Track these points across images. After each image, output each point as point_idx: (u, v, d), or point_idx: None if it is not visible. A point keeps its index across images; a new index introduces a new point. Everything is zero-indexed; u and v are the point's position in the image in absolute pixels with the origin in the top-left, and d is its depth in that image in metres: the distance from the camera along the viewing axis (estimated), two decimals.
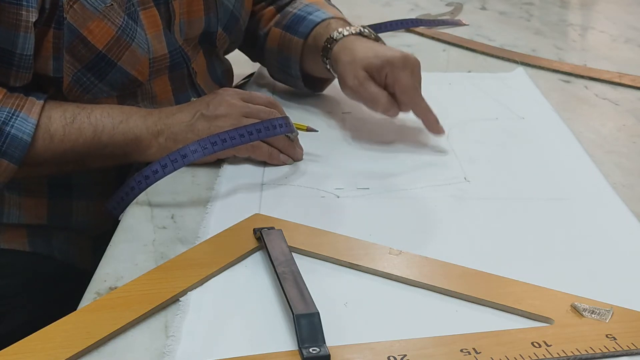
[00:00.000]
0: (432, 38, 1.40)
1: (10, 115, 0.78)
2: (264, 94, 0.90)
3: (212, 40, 0.99)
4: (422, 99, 0.90)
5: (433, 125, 0.91)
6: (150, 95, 0.90)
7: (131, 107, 0.85)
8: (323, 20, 0.99)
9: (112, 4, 0.82)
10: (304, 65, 1.00)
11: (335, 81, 0.97)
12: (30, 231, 0.91)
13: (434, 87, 1.12)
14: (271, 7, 1.07)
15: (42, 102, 0.80)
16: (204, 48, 0.99)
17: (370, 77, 0.90)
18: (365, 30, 0.97)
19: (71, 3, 0.79)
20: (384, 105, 0.89)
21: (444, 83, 1.15)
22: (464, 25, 1.50)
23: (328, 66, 0.95)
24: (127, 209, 0.78)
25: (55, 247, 0.93)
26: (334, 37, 0.94)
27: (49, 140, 0.80)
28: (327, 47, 0.95)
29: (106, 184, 0.91)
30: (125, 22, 0.84)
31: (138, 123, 0.83)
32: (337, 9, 1.07)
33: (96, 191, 0.92)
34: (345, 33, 0.94)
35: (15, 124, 0.77)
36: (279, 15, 1.04)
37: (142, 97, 0.89)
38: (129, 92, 0.88)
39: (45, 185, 0.90)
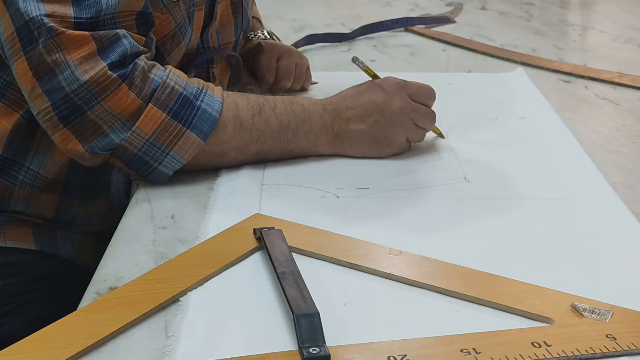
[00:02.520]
0: (432, 38, 1.40)
1: (199, 91, 0.79)
2: (423, 83, 0.92)
3: (235, 47, 1.02)
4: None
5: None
6: None
7: (309, 102, 0.87)
8: None
9: (178, 0, 0.84)
10: None
11: (336, 82, 0.98)
12: (35, 229, 0.91)
13: (434, 87, 1.12)
14: None
15: (220, 87, 0.82)
16: (228, 58, 1.02)
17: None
18: (272, 36, 1.14)
19: None
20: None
21: (444, 83, 1.15)
22: (453, 22, 1.50)
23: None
24: (127, 209, 0.78)
25: (60, 246, 0.93)
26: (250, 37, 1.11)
27: (239, 126, 0.80)
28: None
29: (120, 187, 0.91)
30: (183, 20, 0.85)
31: (319, 125, 0.86)
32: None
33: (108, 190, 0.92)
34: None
35: (204, 99, 0.78)
36: None
37: None
38: None
39: (61, 184, 0.90)
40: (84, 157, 0.78)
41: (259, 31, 1.13)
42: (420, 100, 0.89)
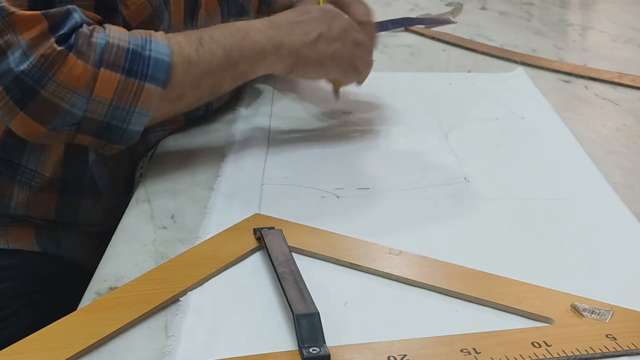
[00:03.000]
0: (432, 38, 1.40)
1: (145, 41, 0.77)
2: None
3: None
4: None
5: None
6: None
7: (245, 22, 0.86)
8: None
9: None
10: None
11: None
12: (38, 231, 0.91)
13: (434, 87, 1.12)
14: None
15: (161, 31, 0.80)
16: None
17: None
18: None
19: None
20: None
21: (444, 83, 1.15)
22: (454, 23, 1.50)
23: None
24: (127, 209, 0.78)
25: (63, 247, 0.93)
26: None
27: (187, 64, 0.79)
28: None
29: (119, 183, 0.91)
30: (159, 4, 0.84)
31: (260, 36, 0.83)
32: None
33: (108, 192, 0.92)
34: None
35: (152, 47, 0.77)
36: None
37: None
38: None
39: (58, 182, 0.90)
40: (47, 137, 0.76)
41: None
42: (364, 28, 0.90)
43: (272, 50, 0.84)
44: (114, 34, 0.76)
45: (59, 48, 0.72)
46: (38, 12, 0.72)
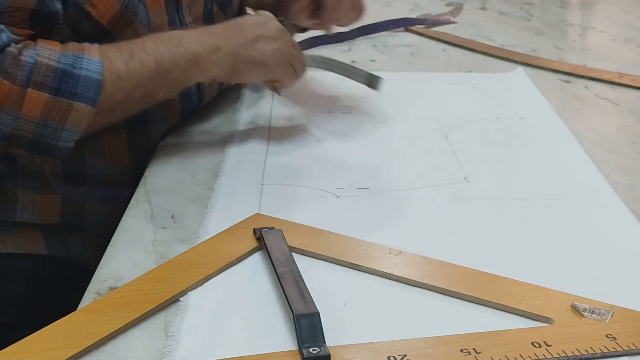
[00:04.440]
0: (432, 38, 1.40)
1: (76, 58, 0.77)
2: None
3: (211, 20, 0.99)
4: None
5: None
6: None
7: (179, 31, 0.85)
8: None
9: None
10: None
11: (336, 82, 0.97)
12: (46, 234, 0.91)
13: (434, 87, 1.12)
14: None
15: (96, 45, 0.80)
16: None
17: None
18: None
19: None
20: None
21: (444, 83, 1.15)
22: (454, 23, 1.50)
23: None
24: (127, 209, 0.78)
25: (71, 250, 0.92)
26: None
27: (116, 79, 0.78)
28: None
29: (120, 177, 0.91)
30: None
31: (193, 43, 0.83)
32: None
33: (109, 187, 0.91)
34: None
35: (83, 65, 0.76)
36: None
37: None
38: None
39: (60, 178, 0.89)
40: None
41: None
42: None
43: (207, 55, 0.83)
44: (44, 52, 0.75)
45: None
46: None
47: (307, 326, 0.56)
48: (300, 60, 0.91)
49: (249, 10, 0.94)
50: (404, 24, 1.46)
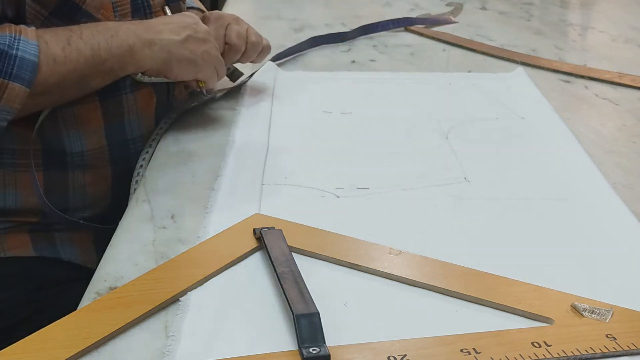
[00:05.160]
0: (432, 38, 1.40)
1: (13, 39, 0.78)
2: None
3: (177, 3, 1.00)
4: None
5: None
6: None
7: (115, 22, 0.87)
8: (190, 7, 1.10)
9: None
10: None
11: (335, 82, 0.98)
12: (33, 236, 0.90)
13: (434, 87, 1.12)
14: None
15: (33, 27, 0.80)
16: (169, 3, 0.99)
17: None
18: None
19: None
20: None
21: (444, 83, 1.15)
22: (455, 22, 1.50)
23: None
24: (127, 209, 0.78)
25: (60, 249, 0.92)
26: None
27: (52, 63, 0.80)
28: None
29: (101, 151, 0.91)
30: None
31: (129, 34, 0.85)
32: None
33: (92, 159, 0.91)
34: None
35: (19, 47, 0.77)
36: None
37: None
38: None
39: (40, 156, 0.89)
40: None
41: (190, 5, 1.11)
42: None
43: (141, 47, 0.86)
44: None
45: None
46: None
47: (307, 326, 0.56)
48: (222, 64, 0.95)
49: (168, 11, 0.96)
50: (405, 23, 1.46)
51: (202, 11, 1.14)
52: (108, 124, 0.90)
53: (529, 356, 0.56)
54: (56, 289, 0.91)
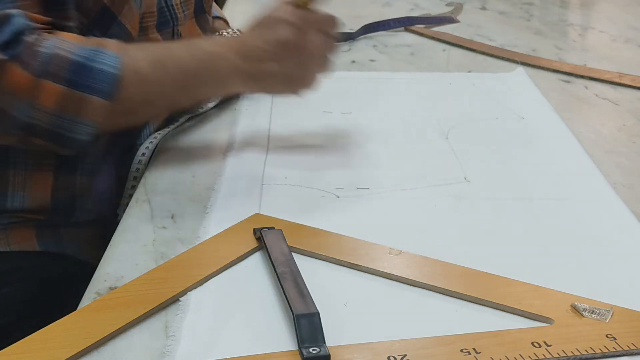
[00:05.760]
0: (432, 38, 1.40)
1: (94, 51, 0.77)
2: (325, 12, 0.88)
3: (201, 5, 1.00)
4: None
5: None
6: None
7: (212, 45, 0.85)
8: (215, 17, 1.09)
9: None
10: None
11: (335, 82, 0.97)
12: (38, 231, 0.91)
13: (434, 87, 1.12)
14: None
15: (115, 40, 0.80)
16: (197, 15, 1.00)
17: None
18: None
19: None
20: None
21: (444, 83, 1.15)
22: (457, 22, 1.50)
23: None
24: (127, 209, 0.78)
25: (65, 245, 0.92)
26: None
27: (140, 81, 0.79)
28: None
29: (113, 159, 0.91)
30: None
31: (226, 67, 0.82)
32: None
33: (102, 165, 0.91)
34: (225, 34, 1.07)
35: (99, 59, 0.77)
36: None
37: None
38: None
39: (52, 158, 0.89)
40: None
41: (230, 30, 1.10)
42: (327, 30, 0.87)
43: (237, 80, 0.83)
44: (61, 44, 0.76)
45: (2, 57, 0.73)
46: None
47: (307, 326, 0.56)
48: (327, 59, 0.88)
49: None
50: (407, 22, 1.46)
51: (226, 21, 1.15)
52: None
53: (529, 356, 0.56)
54: (59, 285, 0.91)
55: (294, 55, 0.83)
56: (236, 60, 0.83)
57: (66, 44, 0.76)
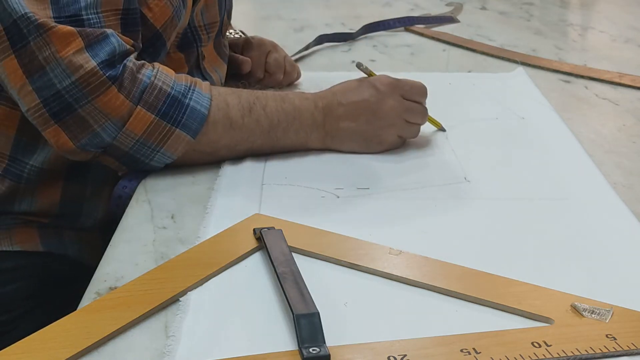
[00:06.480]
0: (432, 38, 1.40)
1: (188, 88, 0.80)
2: (416, 81, 0.93)
3: (221, 29, 1.01)
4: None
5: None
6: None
7: (300, 99, 0.87)
8: None
9: None
10: None
11: (335, 82, 0.98)
12: (41, 231, 0.91)
13: (434, 87, 1.12)
14: None
15: (208, 82, 0.83)
16: (216, 37, 1.02)
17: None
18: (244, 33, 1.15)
19: None
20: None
21: (444, 83, 1.15)
22: (457, 22, 1.51)
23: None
24: (127, 209, 0.78)
25: (68, 246, 0.92)
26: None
27: (228, 126, 0.82)
28: None
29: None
30: (178, 3, 0.86)
31: (310, 122, 0.87)
32: None
33: (113, 173, 0.92)
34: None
35: (192, 97, 0.80)
36: None
37: None
38: None
39: (64, 166, 0.89)
40: (74, 153, 0.79)
41: (232, 30, 1.14)
42: (412, 98, 0.90)
43: (318, 137, 0.88)
44: (160, 76, 0.79)
45: (104, 76, 0.75)
46: (73, 29, 0.74)
47: (307, 326, 0.56)
48: (419, 113, 0.92)
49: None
50: (407, 22, 1.46)
51: (244, 34, 1.16)
52: None
53: (529, 356, 0.56)
54: (59, 286, 0.91)
55: (369, 116, 0.87)
56: (319, 116, 0.87)
57: (164, 76, 0.79)
